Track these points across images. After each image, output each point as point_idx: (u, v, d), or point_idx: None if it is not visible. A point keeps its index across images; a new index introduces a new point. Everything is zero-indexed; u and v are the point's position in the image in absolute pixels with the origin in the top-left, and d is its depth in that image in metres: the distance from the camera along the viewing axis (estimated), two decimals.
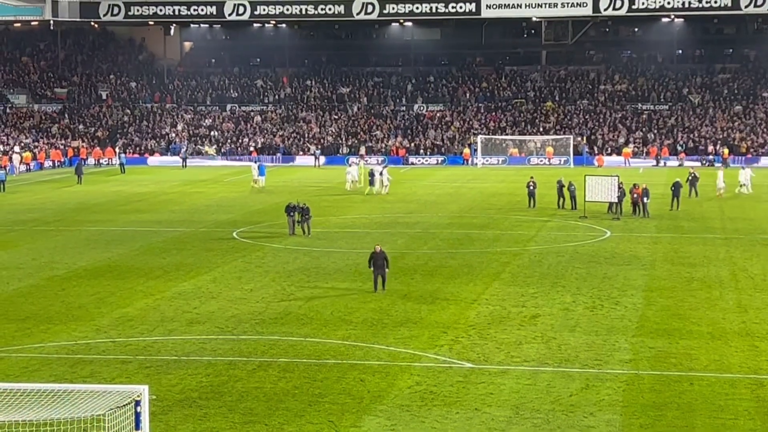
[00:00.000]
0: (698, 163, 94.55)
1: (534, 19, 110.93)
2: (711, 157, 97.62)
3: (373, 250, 41.19)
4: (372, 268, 40.95)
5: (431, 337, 34.41)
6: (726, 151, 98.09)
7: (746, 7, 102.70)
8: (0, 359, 31.90)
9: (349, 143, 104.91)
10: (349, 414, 26.96)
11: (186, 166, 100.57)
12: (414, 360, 31.85)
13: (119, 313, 38.10)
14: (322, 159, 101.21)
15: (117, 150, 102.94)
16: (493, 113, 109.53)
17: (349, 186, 78.36)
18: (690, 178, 70.47)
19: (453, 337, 34.52)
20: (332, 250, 50.40)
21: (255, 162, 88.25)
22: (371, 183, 77.20)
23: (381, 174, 77.39)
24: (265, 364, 31.56)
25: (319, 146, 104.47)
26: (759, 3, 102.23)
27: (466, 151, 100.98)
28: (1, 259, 49.72)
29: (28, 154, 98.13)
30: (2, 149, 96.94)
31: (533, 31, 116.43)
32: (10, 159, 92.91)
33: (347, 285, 41.87)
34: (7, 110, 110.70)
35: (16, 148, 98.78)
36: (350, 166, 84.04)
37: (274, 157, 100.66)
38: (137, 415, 19.36)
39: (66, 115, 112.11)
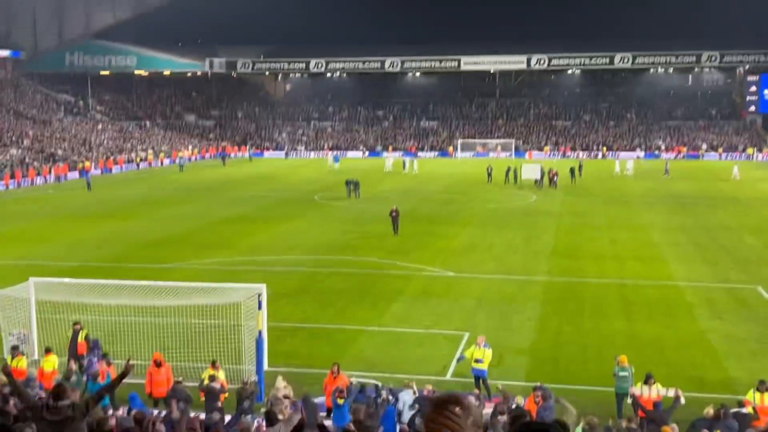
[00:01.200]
0: (587, 156, 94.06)
1: (491, 71, 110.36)
2: (596, 152, 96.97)
3: (392, 208, 40.95)
4: (391, 219, 40.53)
5: (430, 257, 34.60)
6: (605, 148, 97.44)
7: (617, 63, 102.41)
8: (180, 269, 32.27)
9: (383, 144, 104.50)
10: (383, 302, 27.23)
11: (288, 157, 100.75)
12: (420, 271, 32.06)
13: (249, 242, 38.46)
14: (367, 153, 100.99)
15: (247, 148, 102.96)
16: (467, 126, 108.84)
17: (387, 169, 78.14)
18: (579, 165, 70.04)
19: (443, 257, 34.70)
20: (372, 207, 50.57)
21: (331, 155, 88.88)
22: (404, 167, 76.90)
23: (412, 162, 77.21)
24: (334, 272, 31.84)
25: (365, 146, 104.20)
26: (626, 62, 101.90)
27: (451, 148, 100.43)
28: (181, 211, 50.16)
29: (195, 150, 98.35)
30: (181, 147, 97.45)
31: (492, 78, 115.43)
32: (184, 153, 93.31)
33: (381, 228, 41.96)
34: (183, 124, 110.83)
35: (189, 147, 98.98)
36: (387, 157, 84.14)
37: (339, 152, 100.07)
38: (260, 301, 19.58)
39: (217, 128, 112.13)
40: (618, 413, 17.23)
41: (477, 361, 18.78)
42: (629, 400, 16.97)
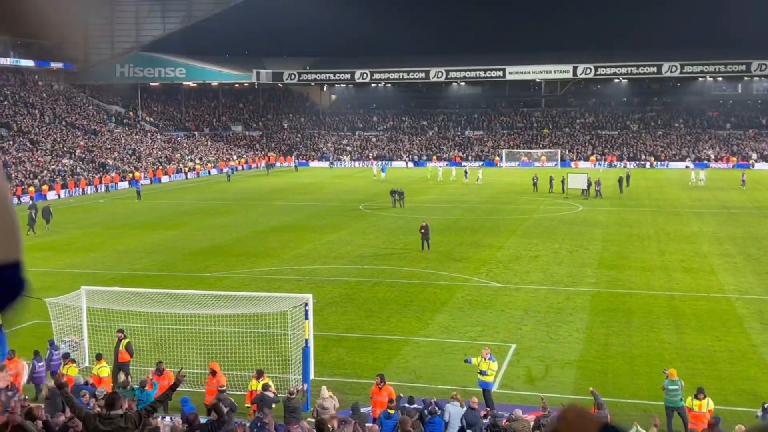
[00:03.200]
0: (635, 166, 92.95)
1: (537, 79, 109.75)
2: (643, 162, 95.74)
3: (422, 224, 39.07)
4: (420, 235, 38.64)
5: (475, 268, 34.40)
6: (652, 158, 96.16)
7: (665, 72, 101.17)
8: (228, 278, 32.54)
9: (427, 154, 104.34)
10: (428, 312, 27.11)
11: (333, 166, 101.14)
12: (465, 281, 31.88)
13: (295, 252, 38.59)
14: (411, 164, 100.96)
15: (293, 158, 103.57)
16: (512, 136, 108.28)
17: (440, 178, 77.80)
18: (627, 174, 68.89)
19: (488, 268, 34.47)
20: (417, 217, 50.33)
21: (378, 164, 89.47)
22: (465, 176, 75.71)
23: (477, 172, 75.87)
24: (378, 282, 31.79)
25: (410, 156, 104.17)
26: (673, 71, 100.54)
27: (497, 158, 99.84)
28: (226, 220, 50.52)
29: (242, 160, 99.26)
30: (228, 157, 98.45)
31: (537, 87, 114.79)
32: (232, 163, 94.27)
33: None
34: (230, 134, 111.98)
35: (235, 157, 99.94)
36: (439, 167, 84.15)
37: (386, 162, 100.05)
38: (306, 311, 19.63)
39: (264, 138, 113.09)
40: (668, 428, 16.89)
41: (481, 373, 18.74)
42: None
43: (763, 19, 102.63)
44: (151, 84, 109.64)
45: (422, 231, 38.85)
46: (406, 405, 16.54)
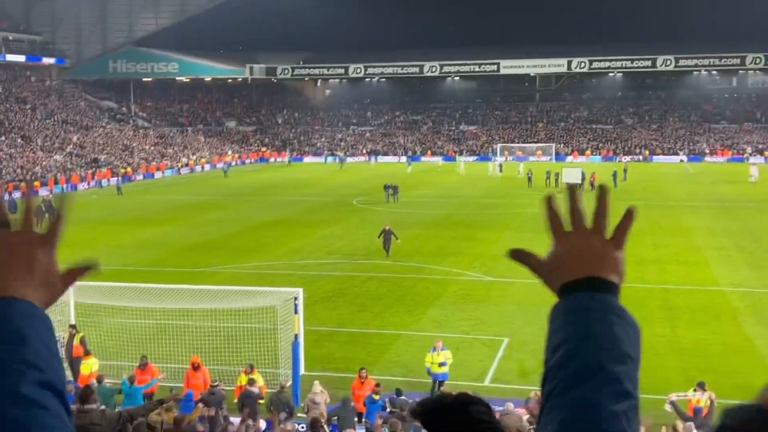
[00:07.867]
0: (630, 159, 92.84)
1: (531, 74, 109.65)
2: (638, 156, 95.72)
3: (384, 227, 36.36)
4: (382, 240, 35.43)
5: (469, 262, 34.27)
6: (647, 152, 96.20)
7: (660, 66, 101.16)
8: (219, 273, 32.36)
9: (421, 149, 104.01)
10: (420, 306, 26.99)
11: (326, 162, 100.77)
12: (458, 276, 31.76)
13: (287, 247, 38.41)
14: (404, 158, 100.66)
15: (287, 153, 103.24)
16: (507, 130, 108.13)
17: (462, 170, 77.53)
18: (624, 168, 68.70)
19: (481, 262, 34.33)
20: (410, 211, 50.28)
21: (406, 158, 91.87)
22: (500, 170, 76.26)
23: (518, 166, 75.12)
24: (371, 277, 31.66)
25: (405, 151, 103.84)
26: (668, 64, 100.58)
27: (506, 152, 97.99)
28: (220, 215, 50.25)
29: (236, 155, 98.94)
30: (221, 153, 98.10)
31: (531, 81, 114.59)
32: (227, 158, 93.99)
33: (419, 231, 41.71)
34: (224, 130, 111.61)
35: (229, 152, 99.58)
36: (460, 162, 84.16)
37: (376, 157, 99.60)
38: (296, 305, 19.49)
39: (258, 133, 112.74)
40: None
41: (441, 364, 19.30)
42: (668, 408, 16.49)
43: (757, 12, 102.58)
44: (144, 79, 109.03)
45: (384, 236, 35.26)
46: (397, 398, 16.40)
